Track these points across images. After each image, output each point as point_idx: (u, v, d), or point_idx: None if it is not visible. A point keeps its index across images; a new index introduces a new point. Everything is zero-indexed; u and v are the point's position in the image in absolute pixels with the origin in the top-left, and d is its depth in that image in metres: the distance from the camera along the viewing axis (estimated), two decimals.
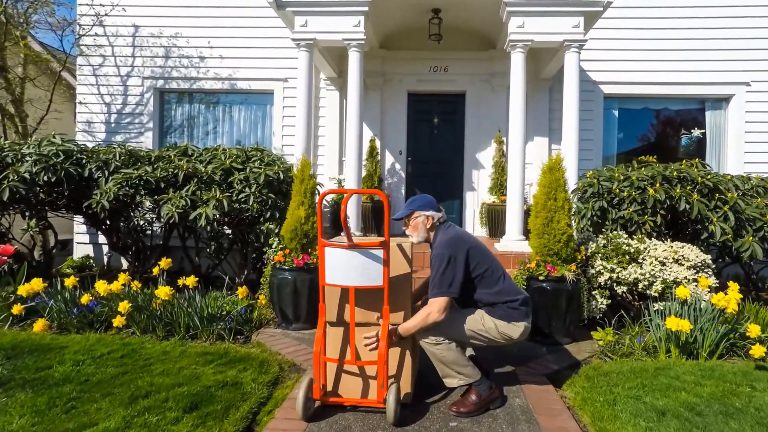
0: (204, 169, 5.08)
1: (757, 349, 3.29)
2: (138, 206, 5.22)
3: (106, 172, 5.14)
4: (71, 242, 7.65)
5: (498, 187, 6.79)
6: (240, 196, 5.03)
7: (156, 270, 4.51)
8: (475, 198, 7.26)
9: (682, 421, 2.54)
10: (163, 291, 3.98)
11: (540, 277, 3.92)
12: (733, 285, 3.74)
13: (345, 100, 6.64)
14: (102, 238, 6.85)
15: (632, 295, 4.34)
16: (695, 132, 7.39)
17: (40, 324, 3.93)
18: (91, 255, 7.41)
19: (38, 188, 5.15)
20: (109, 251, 7.02)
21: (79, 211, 5.75)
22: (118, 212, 5.36)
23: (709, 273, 4.16)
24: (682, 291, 3.74)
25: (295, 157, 5.41)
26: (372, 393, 2.70)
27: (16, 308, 4.04)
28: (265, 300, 4.50)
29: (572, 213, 4.20)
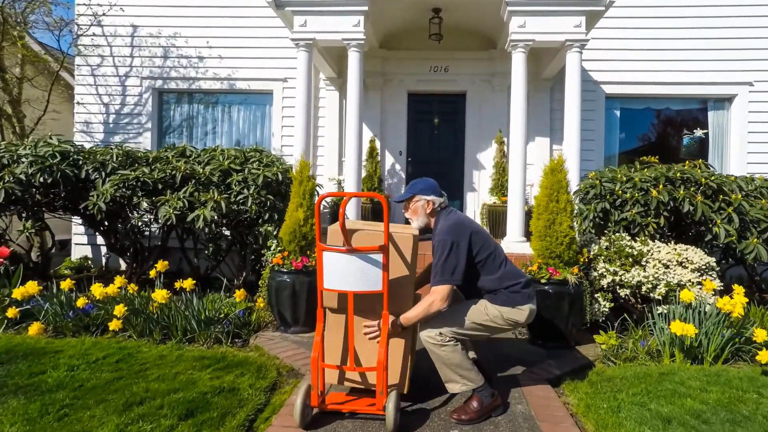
0: (202, 171, 5.02)
1: (764, 355, 3.23)
2: (135, 208, 5.17)
3: (103, 174, 5.08)
4: (70, 242, 7.60)
5: (499, 188, 6.74)
6: (238, 198, 4.97)
7: (153, 272, 4.45)
8: (476, 199, 7.21)
9: (688, 429, 2.48)
10: (160, 294, 3.92)
11: (542, 280, 3.86)
12: (739, 288, 3.68)
13: (345, 101, 6.59)
14: (100, 239, 6.81)
15: (635, 298, 4.29)
16: (697, 132, 7.33)
17: (35, 327, 3.88)
18: (90, 256, 7.37)
19: (34, 189, 5.10)
20: (107, 252, 6.98)
21: (77, 213, 5.70)
22: (116, 213, 5.30)
23: (714, 276, 4.10)
24: (687, 294, 3.68)
25: (294, 158, 5.36)
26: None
27: (11, 311, 3.98)
28: (264, 303, 4.45)
29: (574, 214, 4.14)
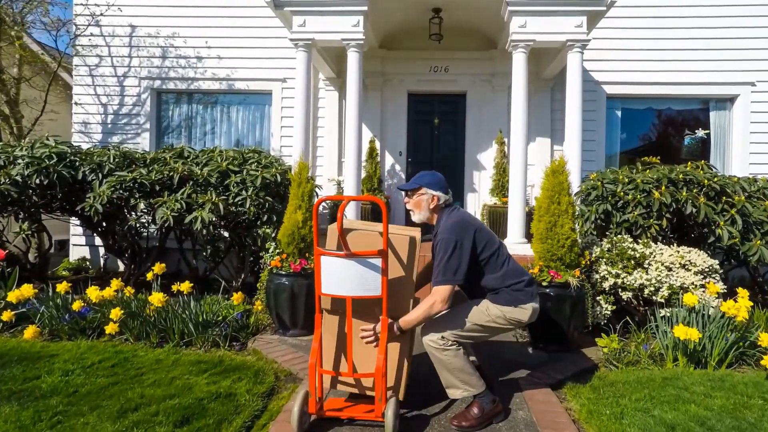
0: (200, 172, 4.98)
1: None
2: (133, 209, 5.12)
3: (100, 175, 5.04)
4: (69, 243, 7.56)
5: (499, 189, 6.69)
6: (236, 199, 4.93)
7: (150, 275, 4.41)
8: (477, 199, 7.16)
9: None
10: (157, 297, 3.88)
11: (543, 283, 3.81)
12: (743, 292, 3.64)
13: (344, 101, 6.53)
14: (98, 240, 6.76)
15: (638, 301, 4.24)
16: (699, 132, 7.28)
17: (31, 331, 3.83)
18: (88, 257, 7.33)
19: (31, 191, 5.06)
20: (106, 253, 6.93)
21: (74, 214, 5.66)
22: (113, 215, 5.26)
23: (717, 278, 4.05)
24: (690, 298, 3.63)
25: (293, 159, 5.31)
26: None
27: (6, 315, 3.93)
28: (262, 306, 4.41)
29: (575, 216, 4.10)
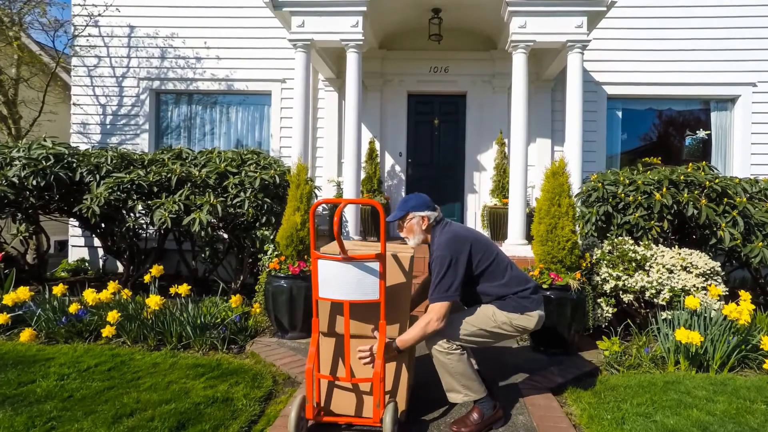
0: (198, 173, 4.95)
1: None
2: (131, 210, 5.10)
3: (98, 176, 5.01)
4: (68, 244, 7.54)
5: (500, 190, 6.66)
6: (235, 201, 4.90)
7: (147, 277, 4.38)
8: (477, 200, 7.13)
9: None
10: (154, 300, 3.85)
11: (544, 286, 3.78)
12: (745, 294, 3.61)
13: (344, 102, 6.50)
14: (97, 241, 6.73)
15: (639, 303, 4.21)
16: (700, 133, 7.24)
17: (27, 334, 3.80)
18: (87, 258, 7.31)
19: (28, 192, 5.02)
20: (105, 255, 6.90)
21: (72, 215, 5.63)
22: (112, 216, 5.23)
23: (719, 281, 4.02)
24: (692, 301, 3.60)
25: (292, 160, 5.28)
26: (368, 411, 2.57)
27: (2, 317, 3.91)
28: (261, 308, 4.38)
29: (576, 218, 4.07)
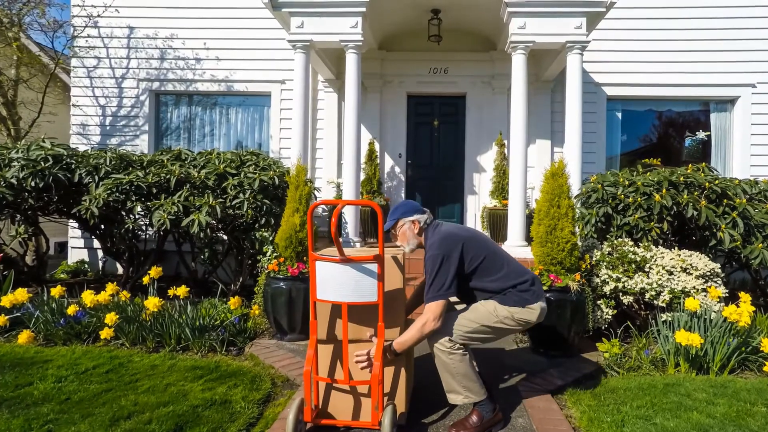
0: (197, 174, 4.94)
1: None
2: (130, 212, 5.09)
3: (96, 177, 5.00)
4: (68, 245, 7.53)
5: (499, 191, 6.65)
6: (234, 202, 4.89)
7: (146, 279, 4.37)
8: (476, 202, 7.12)
9: None
10: (152, 302, 3.84)
11: (543, 287, 3.77)
12: (745, 296, 3.59)
13: (343, 103, 6.50)
14: (97, 243, 6.72)
15: (639, 305, 4.20)
16: (700, 134, 7.23)
17: (25, 336, 3.79)
18: (87, 259, 7.30)
19: (26, 194, 5.02)
20: (104, 256, 6.89)
21: (72, 216, 5.62)
22: (111, 217, 5.22)
23: (719, 282, 4.01)
24: (692, 303, 3.59)
25: (292, 161, 5.27)
26: (366, 414, 2.56)
27: (0, 319, 3.90)
28: (260, 310, 4.37)
29: (575, 219, 4.06)
